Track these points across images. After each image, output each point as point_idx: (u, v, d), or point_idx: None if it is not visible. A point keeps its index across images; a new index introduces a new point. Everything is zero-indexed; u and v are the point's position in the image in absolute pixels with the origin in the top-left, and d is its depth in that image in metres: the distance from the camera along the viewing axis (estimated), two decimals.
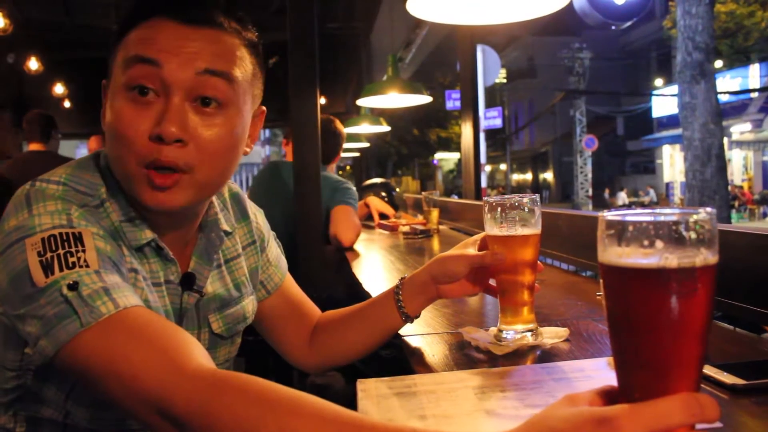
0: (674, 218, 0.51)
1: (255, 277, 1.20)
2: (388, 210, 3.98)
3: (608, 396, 0.55)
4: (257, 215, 1.24)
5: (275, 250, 1.28)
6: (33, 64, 8.12)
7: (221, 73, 0.91)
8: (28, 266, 0.80)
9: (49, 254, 0.81)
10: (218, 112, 0.92)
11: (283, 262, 1.30)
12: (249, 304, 1.16)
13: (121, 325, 0.77)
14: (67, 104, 9.37)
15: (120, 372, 0.74)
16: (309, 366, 1.28)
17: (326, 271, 2.75)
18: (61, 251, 0.81)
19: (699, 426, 0.51)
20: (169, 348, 0.74)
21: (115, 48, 0.94)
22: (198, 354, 0.75)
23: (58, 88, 9.05)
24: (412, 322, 1.17)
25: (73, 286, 0.78)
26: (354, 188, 3.11)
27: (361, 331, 1.20)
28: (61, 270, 0.80)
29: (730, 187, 14.90)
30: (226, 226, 1.11)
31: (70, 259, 0.81)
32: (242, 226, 1.19)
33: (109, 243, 0.87)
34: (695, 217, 0.51)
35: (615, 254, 0.53)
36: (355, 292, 1.91)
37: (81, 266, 0.81)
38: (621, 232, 0.52)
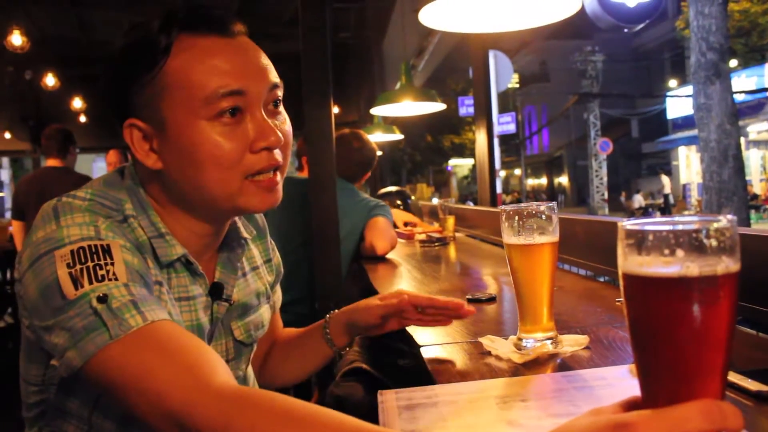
0: (694, 226, 0.50)
1: (268, 290, 1.25)
2: (411, 218, 3.98)
3: (632, 406, 0.55)
4: (274, 244, 1.30)
5: (277, 293, 1.34)
6: (50, 80, 8.25)
7: (279, 82, 0.99)
8: (58, 278, 0.82)
9: (78, 266, 0.82)
10: (281, 109, 1.01)
11: (278, 299, 1.35)
12: (266, 312, 1.21)
13: (149, 340, 0.78)
14: (82, 119, 9.49)
15: (145, 387, 0.75)
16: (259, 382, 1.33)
17: (344, 283, 2.74)
18: (90, 264, 0.83)
19: None
20: (194, 365, 0.75)
21: (142, 80, 0.93)
22: (222, 371, 0.76)
23: (75, 103, 9.17)
24: (341, 352, 1.31)
25: (103, 299, 0.80)
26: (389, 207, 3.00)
27: (297, 360, 1.34)
28: (90, 283, 0.81)
29: (748, 187, 14.73)
30: (245, 234, 1.14)
31: (99, 272, 0.82)
32: (259, 244, 1.24)
33: (135, 256, 0.89)
34: (716, 225, 0.50)
35: (636, 264, 0.52)
36: None
37: (110, 279, 0.82)
38: (641, 242, 0.52)
